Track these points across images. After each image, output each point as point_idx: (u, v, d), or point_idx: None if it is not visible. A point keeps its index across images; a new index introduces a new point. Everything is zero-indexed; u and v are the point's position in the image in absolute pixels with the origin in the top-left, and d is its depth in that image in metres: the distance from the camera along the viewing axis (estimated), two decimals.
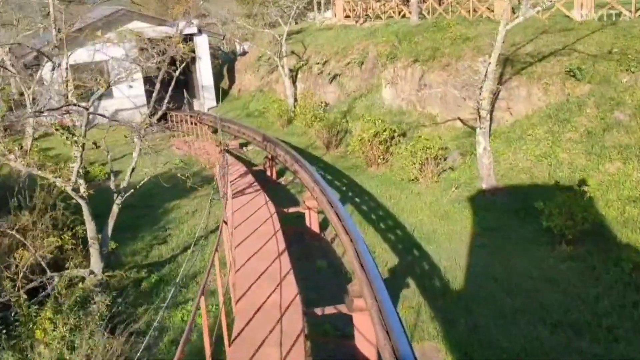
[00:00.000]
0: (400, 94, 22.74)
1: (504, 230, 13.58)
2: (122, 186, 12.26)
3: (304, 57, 29.93)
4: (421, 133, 20.49)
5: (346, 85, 26.10)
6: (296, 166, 15.59)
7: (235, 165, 18.74)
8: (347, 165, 20.79)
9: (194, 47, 33.19)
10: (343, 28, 30.49)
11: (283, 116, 26.97)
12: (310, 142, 23.95)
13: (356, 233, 9.70)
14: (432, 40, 22.42)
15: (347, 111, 24.65)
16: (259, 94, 32.82)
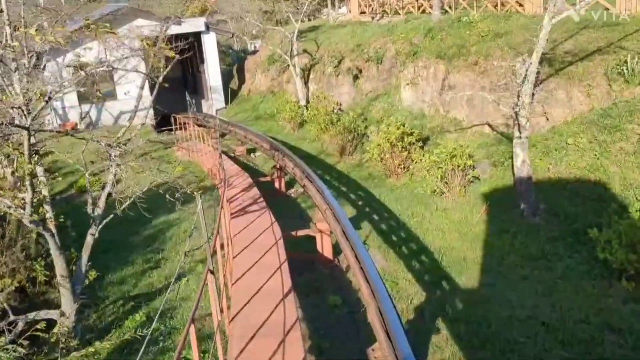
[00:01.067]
0: (422, 95, 20.69)
1: (549, 260, 11.52)
2: (97, 213, 10.25)
3: (317, 56, 27.96)
4: (445, 139, 18.49)
5: (362, 86, 24.09)
6: (306, 181, 13.66)
7: (240, 176, 16.83)
8: (363, 174, 18.80)
9: (202, 46, 31.38)
10: (358, 25, 28.44)
11: (294, 119, 25.04)
12: (322, 148, 21.98)
13: (379, 284, 7.70)
14: (457, 37, 20.32)
15: (363, 114, 22.64)
16: (269, 95, 30.91)
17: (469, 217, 14.04)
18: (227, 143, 24.51)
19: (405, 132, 17.59)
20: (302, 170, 14.37)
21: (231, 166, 18.37)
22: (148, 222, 16.34)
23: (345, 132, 20.47)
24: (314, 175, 13.57)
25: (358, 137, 20.93)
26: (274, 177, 17.22)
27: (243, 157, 21.85)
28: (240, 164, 20.75)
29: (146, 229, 15.47)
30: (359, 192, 17.24)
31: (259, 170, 20.24)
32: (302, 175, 14.07)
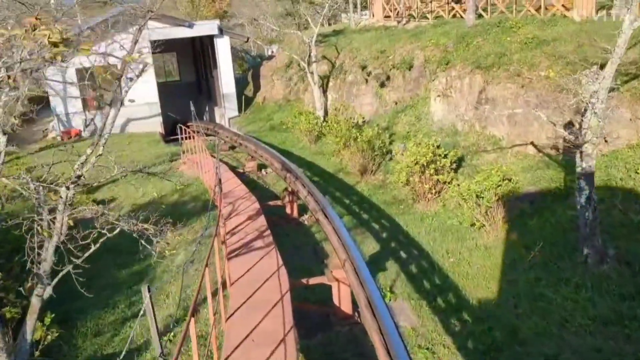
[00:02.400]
0: (454, 109, 18.22)
1: (627, 326, 9.00)
2: (43, 270, 7.86)
3: (337, 63, 25.64)
4: (482, 160, 16.04)
5: (386, 96, 21.69)
6: (320, 216, 11.30)
7: (247, 199, 14.54)
8: (387, 198, 16.38)
9: (215, 50, 29.27)
10: (383, 29, 26.09)
11: (311, 131, 22.70)
12: (342, 166, 19.60)
13: None
14: (496, 43, 17.84)
15: (387, 128, 20.25)
16: (285, 103, 28.66)
17: (517, 260, 11.55)
18: (238, 156, 22.28)
19: (438, 155, 15.15)
20: (316, 200, 12.01)
21: (237, 186, 16.10)
22: (138, 252, 14.17)
23: (367, 149, 18.07)
24: (330, 210, 11.17)
25: (382, 154, 18.52)
26: (286, 202, 14.88)
27: (253, 173, 19.58)
28: (249, 183, 18.48)
29: (135, 262, 13.22)
30: (382, 220, 14.84)
31: (269, 190, 17.94)
32: (317, 207, 11.72)
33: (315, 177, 18.70)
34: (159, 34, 27.42)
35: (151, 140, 26.21)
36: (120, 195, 18.28)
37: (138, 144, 25.56)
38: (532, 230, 12.43)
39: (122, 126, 28.05)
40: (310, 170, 19.51)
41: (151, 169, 20.91)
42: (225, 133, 23.18)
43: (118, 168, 9.18)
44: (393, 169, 16.96)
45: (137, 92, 27.80)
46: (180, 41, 33.29)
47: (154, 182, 19.35)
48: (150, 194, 18.29)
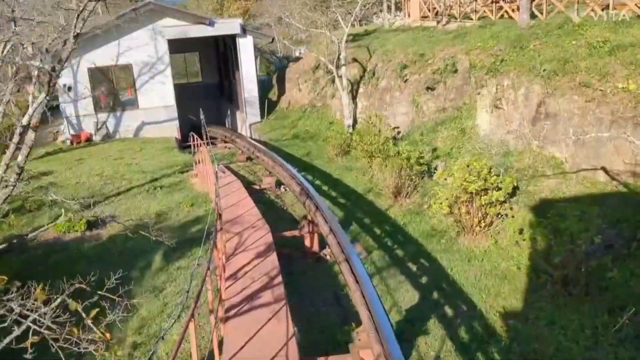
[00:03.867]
0: (506, 123, 15.47)
1: None
2: None
3: (369, 67, 23.04)
4: (540, 186, 13.30)
5: (424, 106, 19.01)
6: (344, 267, 8.74)
7: (259, 229, 12.07)
8: (426, 228, 13.74)
9: (237, 51, 26.94)
10: (420, 30, 23.40)
11: (338, 143, 20.14)
12: (372, 185, 17.01)
13: None
14: (558, 48, 15.02)
15: (425, 142, 17.59)
16: (310, 110, 26.18)
17: (599, 329, 8.81)
18: (256, 169, 19.84)
19: (490, 183, 12.46)
20: (339, 243, 9.45)
21: (249, 210, 13.64)
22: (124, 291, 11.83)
23: (404, 167, 15.44)
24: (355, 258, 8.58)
25: (419, 173, 15.87)
26: (304, 232, 12.35)
27: (271, 190, 17.10)
28: (266, 202, 16.06)
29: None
30: (420, 259, 12.21)
31: (288, 213, 15.44)
32: (340, 254, 9.16)
33: (341, 199, 16.19)
34: (176, 32, 25.23)
35: (165, 146, 23.99)
36: (121, 212, 16.02)
37: (151, 150, 23.37)
38: (615, 286, 9.67)
39: (137, 130, 25.97)
40: (336, 189, 16.99)
41: (160, 181, 18.68)
42: (242, 142, 20.79)
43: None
44: (434, 194, 14.32)
45: (152, 94, 25.76)
46: (203, 40, 31.15)
47: (161, 196, 17.10)
48: (154, 210, 15.98)
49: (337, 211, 15.26)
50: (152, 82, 25.66)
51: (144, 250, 13.18)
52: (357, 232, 13.80)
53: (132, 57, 25.09)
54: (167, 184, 18.24)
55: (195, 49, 33.68)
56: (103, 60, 24.81)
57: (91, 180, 19.04)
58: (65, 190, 18.14)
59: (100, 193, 17.69)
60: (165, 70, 25.66)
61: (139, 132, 25.95)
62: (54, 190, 18.31)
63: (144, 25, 24.95)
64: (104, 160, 21.77)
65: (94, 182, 18.90)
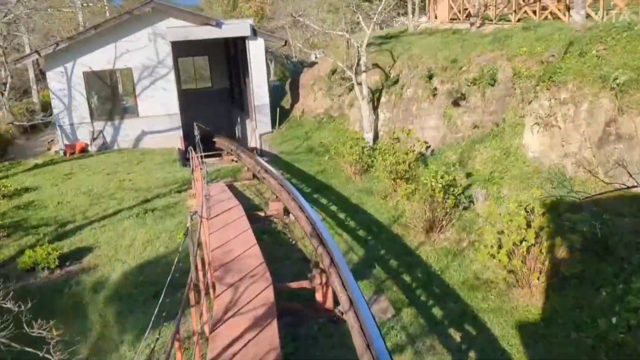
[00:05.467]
0: (562, 145, 12.62)
1: None
2: None
3: (392, 73, 20.26)
4: None
5: (458, 119, 16.20)
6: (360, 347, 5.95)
7: (258, 280, 9.33)
8: (467, 276, 10.93)
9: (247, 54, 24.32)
10: (450, 33, 20.58)
11: (357, 160, 17.36)
12: (397, 212, 14.23)
13: None
14: (630, 54, 12.14)
15: (460, 162, 14.78)
16: (326, 120, 23.45)
17: None
18: (262, 188, 17.14)
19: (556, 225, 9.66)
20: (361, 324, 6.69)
21: (249, 248, 10.90)
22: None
23: (437, 194, 12.62)
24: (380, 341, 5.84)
25: (454, 201, 13.02)
26: (315, 284, 9.58)
27: (278, 218, 14.37)
28: (272, 233, 13.35)
29: None
30: (465, 323, 9.40)
31: (297, 250, 12.67)
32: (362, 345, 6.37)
33: (362, 231, 13.42)
34: (181, 33, 22.68)
35: (166, 159, 21.39)
36: (102, 242, 13.41)
37: (149, 163, 20.79)
38: None
39: (136, 140, 23.44)
40: (355, 218, 14.23)
41: (153, 202, 16.08)
42: (248, 159, 18.07)
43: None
44: (473, 230, 11.52)
45: (154, 101, 23.25)
46: (212, 43, 28.60)
47: (151, 221, 14.48)
48: (141, 240, 13.35)
49: (356, 247, 12.50)
50: (154, 88, 23.13)
51: (117, 297, 10.56)
52: (381, 279, 11.03)
53: (131, 61, 22.59)
54: (161, 206, 15.62)
55: (204, 52, 31.12)
56: (100, 63, 22.33)
57: (76, 200, 16.49)
58: (45, 211, 15.63)
59: (83, 217, 15.12)
60: (168, 75, 23.11)
61: (139, 142, 23.41)
62: (31, 213, 15.91)
63: (145, 26, 22.44)
64: (96, 175, 19.23)
65: (80, 202, 16.34)
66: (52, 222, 14.74)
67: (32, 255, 11.89)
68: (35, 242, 13.43)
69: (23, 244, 13.35)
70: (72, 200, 16.54)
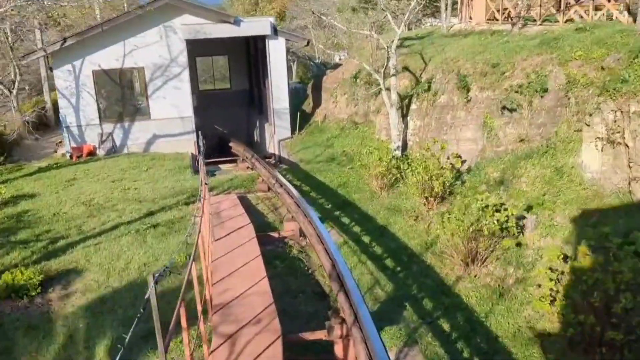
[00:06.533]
0: (630, 165, 10.59)
1: None
2: None
3: (423, 77, 18.31)
4: None
5: (500, 132, 14.21)
6: None
7: (265, 328, 7.53)
8: (520, 327, 8.98)
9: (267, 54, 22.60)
10: (488, 35, 18.56)
11: (384, 174, 15.47)
12: (430, 239, 12.32)
13: None
14: None
15: (503, 181, 12.80)
16: (350, 126, 21.60)
17: None
18: (278, 202, 15.32)
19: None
20: None
21: (258, 282, 9.11)
22: None
23: (480, 220, 10.69)
24: None
25: (498, 228, 11.05)
26: (334, 336, 7.73)
27: (294, 238, 12.56)
28: (285, 259, 11.54)
29: None
30: None
31: (314, 283, 10.83)
32: None
33: (390, 259, 11.55)
34: (196, 31, 21.06)
35: (177, 165, 19.77)
36: (93, 264, 11.74)
37: (160, 169, 19.18)
38: None
39: (147, 144, 21.88)
40: (382, 243, 12.34)
41: (157, 215, 14.41)
42: (263, 169, 16.30)
43: None
44: (521, 265, 9.56)
45: (167, 102, 21.66)
46: (232, 42, 26.97)
47: (152, 239, 12.81)
48: (137, 264, 11.67)
49: (383, 280, 10.62)
50: (167, 89, 21.55)
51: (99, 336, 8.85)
52: (414, 325, 9.13)
53: (143, 59, 21.04)
54: (165, 221, 13.94)
55: (223, 51, 29.50)
56: (110, 62, 20.82)
57: (74, 211, 14.92)
58: (38, 223, 14.05)
59: (78, 231, 13.51)
60: (182, 75, 21.50)
61: (150, 146, 21.85)
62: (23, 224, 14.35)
63: (159, 22, 20.87)
64: (100, 182, 17.68)
65: (78, 213, 14.76)
66: (44, 237, 13.15)
67: (9, 281, 10.24)
68: (22, 261, 11.85)
69: (7, 263, 11.75)
70: (70, 211, 14.97)
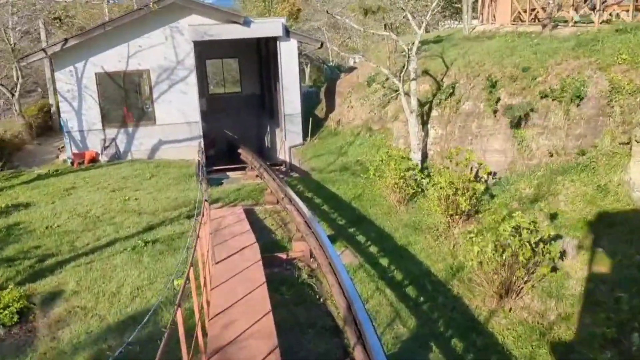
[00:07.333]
0: None
1: None
2: None
3: (444, 82, 16.97)
4: None
5: (532, 143, 12.85)
6: None
7: None
8: None
9: (278, 56, 21.41)
10: (515, 37, 17.17)
11: (402, 187, 14.15)
12: (456, 263, 10.98)
13: None
14: None
15: (536, 199, 11.43)
16: (365, 133, 20.30)
17: None
18: (287, 217, 14.04)
19: None
20: None
21: (260, 319, 7.85)
22: None
23: (510, 250, 9.33)
24: None
25: (531, 253, 9.68)
26: None
27: (303, 261, 11.28)
28: (293, 284, 10.25)
29: None
30: None
31: (322, 309, 9.54)
32: None
33: (411, 287, 10.21)
34: (204, 32, 19.92)
35: (182, 173, 18.61)
36: (83, 287, 10.56)
37: (163, 178, 18.03)
38: None
39: (152, 150, 20.76)
40: (401, 267, 11.00)
41: (156, 230, 13.22)
42: (271, 181, 15.03)
43: None
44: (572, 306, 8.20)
45: (172, 107, 20.54)
46: (242, 44, 25.88)
47: (148, 258, 11.61)
48: (129, 288, 10.46)
49: (405, 314, 9.29)
50: (173, 92, 20.42)
51: None
52: None
53: (148, 61, 19.94)
54: (164, 237, 12.74)
55: (234, 54, 28.41)
56: (114, 64, 19.74)
57: (69, 224, 13.79)
58: (28, 238, 12.90)
59: (70, 247, 12.36)
60: (189, 78, 20.36)
61: (155, 152, 20.74)
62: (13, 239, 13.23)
63: (165, 23, 19.78)
64: (100, 191, 16.57)
65: (72, 226, 13.63)
66: (32, 254, 12.01)
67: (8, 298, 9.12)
68: (5, 282, 10.71)
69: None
70: (64, 224, 13.84)
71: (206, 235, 9.78)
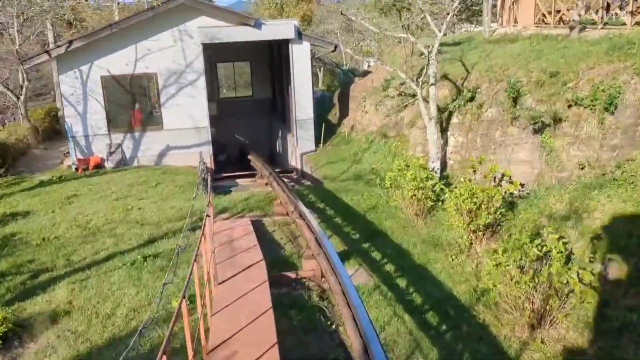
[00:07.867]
0: None
1: None
2: None
3: (465, 87, 16.03)
4: None
5: (562, 153, 11.87)
6: None
7: None
8: None
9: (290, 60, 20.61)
10: (541, 40, 16.19)
11: (420, 198, 13.21)
12: (480, 285, 10.03)
13: None
14: None
15: (568, 216, 10.45)
16: (380, 139, 19.40)
17: None
18: (297, 230, 13.17)
19: None
20: None
21: (265, 352, 6.98)
22: None
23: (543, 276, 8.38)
24: None
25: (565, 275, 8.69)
26: None
27: (314, 280, 10.40)
28: (302, 308, 9.36)
29: None
30: None
31: (334, 336, 8.64)
32: None
33: (430, 312, 9.28)
34: (213, 34, 19.18)
35: (189, 180, 17.83)
36: (76, 307, 9.79)
37: (170, 185, 17.29)
38: None
39: (159, 156, 20.04)
40: (421, 289, 10.08)
41: (158, 244, 12.44)
42: (281, 192, 14.18)
43: None
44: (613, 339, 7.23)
45: (181, 111, 19.81)
46: (254, 47, 25.13)
47: (148, 276, 10.82)
48: (125, 309, 9.66)
49: (425, 344, 8.36)
50: (181, 96, 19.69)
51: None
52: None
53: (156, 64, 19.23)
54: (166, 251, 11.96)
55: (246, 57, 27.68)
56: (120, 67, 19.06)
57: (67, 235, 13.06)
58: (23, 251, 12.17)
59: (66, 262, 11.60)
60: (198, 82, 19.63)
61: (162, 158, 20.01)
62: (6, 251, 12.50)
63: (173, 25, 19.07)
64: (103, 199, 15.85)
65: (70, 238, 12.90)
66: (26, 269, 11.28)
67: None
68: None
69: None
70: (63, 235, 13.12)
71: (207, 252, 8.96)
